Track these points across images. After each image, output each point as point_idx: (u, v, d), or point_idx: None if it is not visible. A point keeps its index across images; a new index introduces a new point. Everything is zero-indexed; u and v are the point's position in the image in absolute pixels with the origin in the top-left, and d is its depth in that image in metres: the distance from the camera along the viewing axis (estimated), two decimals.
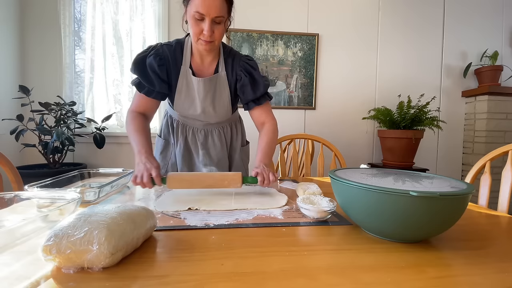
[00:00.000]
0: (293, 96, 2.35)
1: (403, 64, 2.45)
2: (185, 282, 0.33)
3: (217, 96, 0.95)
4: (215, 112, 0.97)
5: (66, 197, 0.56)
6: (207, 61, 0.93)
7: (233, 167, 1.10)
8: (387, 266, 0.38)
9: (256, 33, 2.26)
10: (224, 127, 1.06)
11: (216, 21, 0.79)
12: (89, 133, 2.05)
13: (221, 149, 1.05)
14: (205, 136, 1.03)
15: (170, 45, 0.91)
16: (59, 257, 0.34)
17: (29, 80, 2.11)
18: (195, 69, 0.93)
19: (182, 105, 0.95)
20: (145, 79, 0.88)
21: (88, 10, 2.12)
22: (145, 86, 0.89)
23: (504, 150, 0.86)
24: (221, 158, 1.05)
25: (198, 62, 0.93)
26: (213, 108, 0.96)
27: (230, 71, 0.94)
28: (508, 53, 2.50)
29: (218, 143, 1.04)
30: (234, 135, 1.09)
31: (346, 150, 2.41)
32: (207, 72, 0.94)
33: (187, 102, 0.94)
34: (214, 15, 0.77)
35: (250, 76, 0.94)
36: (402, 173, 0.60)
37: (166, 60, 0.90)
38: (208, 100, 0.94)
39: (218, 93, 0.95)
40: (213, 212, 0.60)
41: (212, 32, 0.80)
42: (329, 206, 0.56)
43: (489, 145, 2.31)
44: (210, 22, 0.78)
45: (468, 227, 0.56)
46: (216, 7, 0.76)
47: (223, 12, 0.78)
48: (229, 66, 0.94)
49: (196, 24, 0.79)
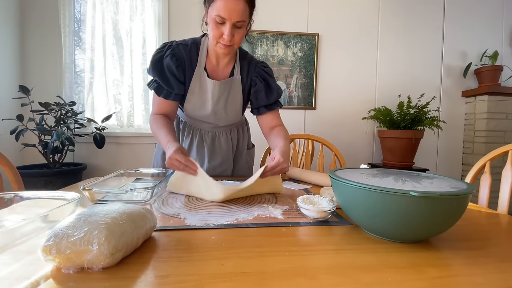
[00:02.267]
0: (293, 96, 2.35)
1: (403, 64, 2.45)
2: (185, 282, 0.33)
3: (230, 99, 0.95)
4: (226, 115, 0.97)
5: (66, 197, 0.56)
6: (223, 64, 0.93)
7: (238, 170, 1.11)
8: (387, 266, 0.38)
9: (256, 33, 2.26)
10: (232, 130, 1.06)
11: (237, 25, 0.78)
12: (89, 133, 2.05)
13: (227, 152, 1.05)
14: (213, 138, 1.03)
15: (185, 44, 0.90)
16: (59, 257, 0.34)
17: (29, 80, 2.11)
18: (210, 70, 0.92)
19: (193, 106, 0.94)
20: (164, 81, 0.87)
21: (88, 10, 2.12)
22: (163, 89, 0.88)
23: (504, 150, 0.86)
24: (226, 160, 1.05)
25: (213, 64, 0.92)
26: (225, 111, 0.96)
27: (245, 76, 0.95)
28: (508, 53, 2.50)
29: (224, 146, 1.04)
30: (241, 138, 1.10)
31: (346, 150, 2.41)
32: (221, 74, 0.94)
33: (198, 103, 0.93)
34: (236, 20, 0.76)
35: (266, 82, 0.95)
36: (402, 173, 0.60)
37: (182, 61, 0.88)
38: (221, 103, 0.94)
39: (231, 96, 0.95)
40: (213, 212, 0.60)
41: (232, 36, 0.79)
42: (329, 206, 0.56)
43: (489, 145, 2.31)
44: (231, 26, 0.77)
45: (468, 227, 0.56)
46: (238, 12, 0.75)
47: (245, 16, 0.78)
48: (244, 71, 0.94)
49: (217, 27, 0.78)
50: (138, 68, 2.21)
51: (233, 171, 1.10)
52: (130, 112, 2.24)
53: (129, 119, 2.24)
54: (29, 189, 0.72)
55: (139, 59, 2.21)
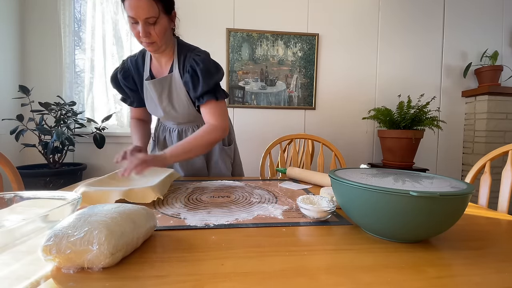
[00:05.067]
0: (293, 96, 2.35)
1: (403, 64, 2.45)
2: (185, 282, 0.33)
3: (174, 96, 0.94)
4: (176, 112, 0.96)
5: (66, 197, 0.56)
6: (163, 63, 0.93)
7: (212, 167, 1.09)
8: (387, 266, 0.38)
9: (256, 33, 2.26)
10: (199, 124, 1.04)
11: (150, 21, 0.78)
12: (89, 133, 2.05)
13: None
14: (179, 135, 1.06)
15: (133, 56, 0.97)
16: (59, 257, 0.34)
17: (29, 80, 2.11)
18: (155, 72, 0.95)
19: (150, 109, 1.01)
20: (122, 93, 1.00)
21: (88, 10, 2.12)
22: (126, 99, 1.02)
23: (504, 150, 0.86)
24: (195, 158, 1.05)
25: (156, 66, 0.94)
26: (173, 108, 0.95)
27: (181, 69, 0.90)
28: (508, 53, 2.50)
29: None
30: None
31: (346, 150, 2.41)
32: (164, 73, 0.93)
33: (152, 105, 0.98)
34: (144, 17, 0.76)
35: (194, 72, 0.87)
36: (402, 173, 0.60)
37: (131, 72, 0.96)
38: (165, 101, 0.94)
39: (174, 93, 0.93)
40: (213, 212, 0.61)
41: (149, 34, 0.79)
42: (329, 206, 0.56)
43: (489, 145, 2.31)
44: (143, 24, 0.78)
45: (468, 227, 0.56)
46: (144, 9, 0.75)
47: (153, 12, 0.77)
48: (181, 64, 0.90)
49: (133, 28, 0.80)
50: None
51: (208, 169, 1.09)
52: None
53: (129, 119, 2.24)
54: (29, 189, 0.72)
55: None
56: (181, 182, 0.95)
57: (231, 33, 2.23)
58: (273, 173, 1.33)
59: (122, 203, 0.47)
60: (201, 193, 0.78)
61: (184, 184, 0.91)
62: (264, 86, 2.31)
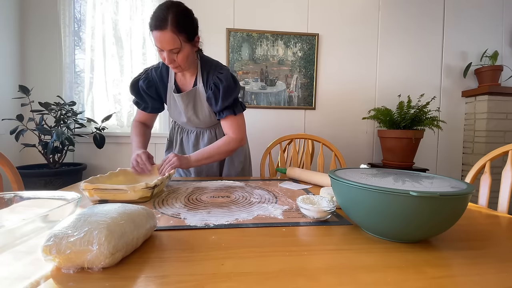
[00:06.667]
0: (293, 96, 2.35)
1: (403, 64, 2.45)
2: (185, 282, 0.33)
3: (198, 107, 1.04)
4: (199, 120, 1.07)
5: (66, 197, 0.56)
6: (187, 77, 1.03)
7: (225, 165, 1.16)
8: (387, 266, 0.38)
9: (256, 33, 2.25)
10: (216, 128, 1.14)
11: (174, 51, 0.87)
12: (89, 133, 2.05)
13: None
14: (196, 137, 1.14)
15: (157, 67, 1.04)
16: (59, 257, 0.34)
17: (29, 80, 2.11)
18: (180, 84, 1.04)
19: (173, 116, 1.10)
20: (139, 99, 1.07)
21: (88, 10, 2.12)
22: (141, 104, 1.09)
23: (504, 150, 0.86)
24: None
25: (181, 78, 1.04)
26: (197, 117, 1.06)
27: (205, 84, 1.01)
28: (508, 53, 2.50)
29: (208, 143, 1.11)
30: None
31: (346, 150, 2.41)
32: (189, 86, 1.04)
33: (176, 113, 1.08)
34: (168, 48, 0.85)
35: (216, 88, 0.98)
36: (402, 173, 0.60)
37: (155, 82, 1.04)
38: (191, 111, 1.05)
39: (199, 104, 1.04)
40: (213, 212, 0.61)
41: (174, 60, 0.89)
42: (329, 206, 0.56)
43: (489, 145, 2.31)
44: (168, 53, 0.86)
45: (468, 227, 0.56)
46: (168, 43, 0.84)
47: (176, 44, 0.85)
48: (204, 79, 1.01)
49: (160, 54, 0.89)
50: (138, 68, 2.21)
51: (221, 170, 1.16)
52: (130, 112, 2.24)
53: (129, 119, 2.24)
54: (29, 189, 0.72)
55: (139, 59, 2.21)
56: (181, 182, 0.95)
57: (231, 33, 2.23)
58: (273, 173, 1.33)
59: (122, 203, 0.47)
60: (201, 193, 0.78)
61: (184, 184, 0.91)
62: (264, 86, 2.31)
